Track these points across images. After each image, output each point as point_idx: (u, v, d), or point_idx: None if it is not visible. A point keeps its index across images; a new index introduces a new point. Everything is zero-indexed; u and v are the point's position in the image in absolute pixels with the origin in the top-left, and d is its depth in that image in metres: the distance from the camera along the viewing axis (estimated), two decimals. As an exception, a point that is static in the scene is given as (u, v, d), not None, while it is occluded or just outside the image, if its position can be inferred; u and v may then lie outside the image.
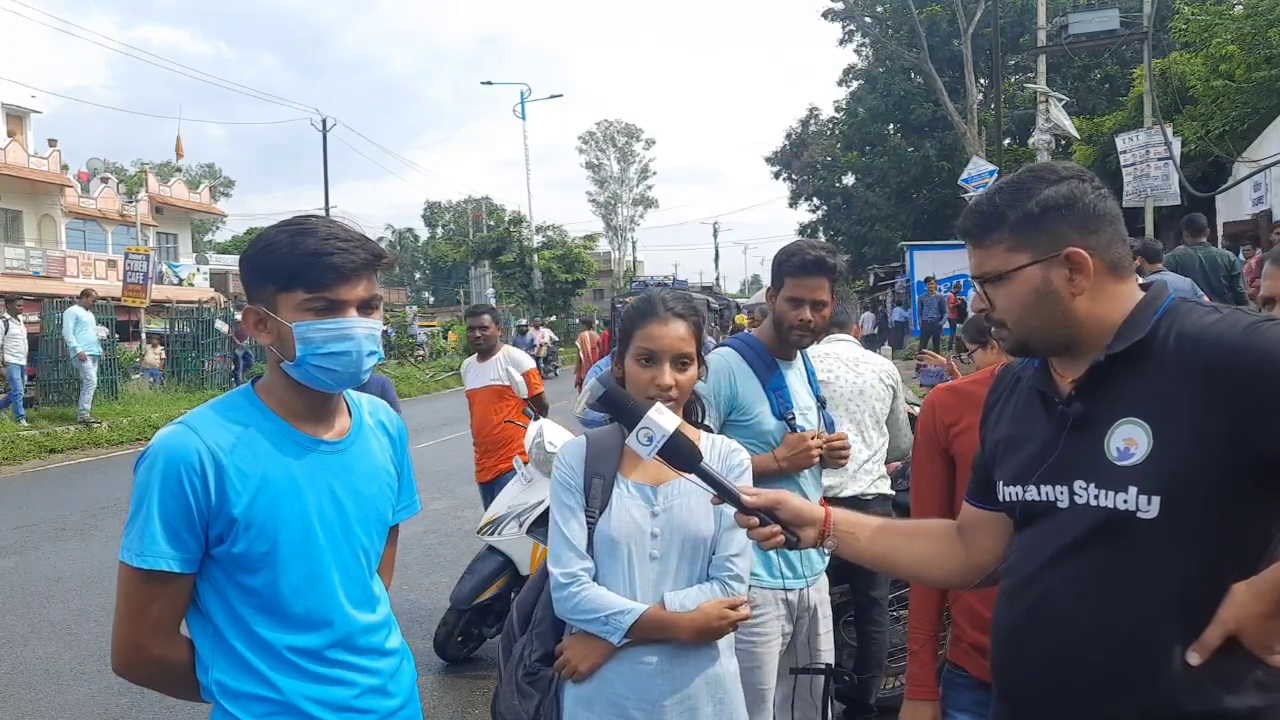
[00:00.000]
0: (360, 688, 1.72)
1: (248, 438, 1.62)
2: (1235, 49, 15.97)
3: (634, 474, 2.09)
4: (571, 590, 2.02)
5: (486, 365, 5.92)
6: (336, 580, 1.70)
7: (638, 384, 2.11)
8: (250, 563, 1.61)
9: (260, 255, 1.63)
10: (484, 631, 5.04)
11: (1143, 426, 1.34)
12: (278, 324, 1.63)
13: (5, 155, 29.31)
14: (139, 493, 1.57)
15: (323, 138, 35.40)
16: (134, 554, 1.55)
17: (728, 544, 2.07)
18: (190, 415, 1.65)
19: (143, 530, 1.55)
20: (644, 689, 2.01)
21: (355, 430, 1.78)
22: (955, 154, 29.30)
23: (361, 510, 1.76)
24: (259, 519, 1.60)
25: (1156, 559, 1.33)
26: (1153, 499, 1.32)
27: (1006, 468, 1.54)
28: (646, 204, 68.13)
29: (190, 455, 1.56)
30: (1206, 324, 1.34)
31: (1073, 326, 1.43)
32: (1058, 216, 1.41)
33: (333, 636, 1.69)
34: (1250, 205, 15.63)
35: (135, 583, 1.57)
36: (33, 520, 9.13)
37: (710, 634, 2.04)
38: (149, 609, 1.59)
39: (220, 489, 1.58)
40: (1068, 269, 1.41)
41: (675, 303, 2.19)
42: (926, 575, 1.80)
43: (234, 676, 1.62)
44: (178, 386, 19.67)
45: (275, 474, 1.63)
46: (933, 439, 2.26)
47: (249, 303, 1.68)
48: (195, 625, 1.65)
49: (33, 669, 5.18)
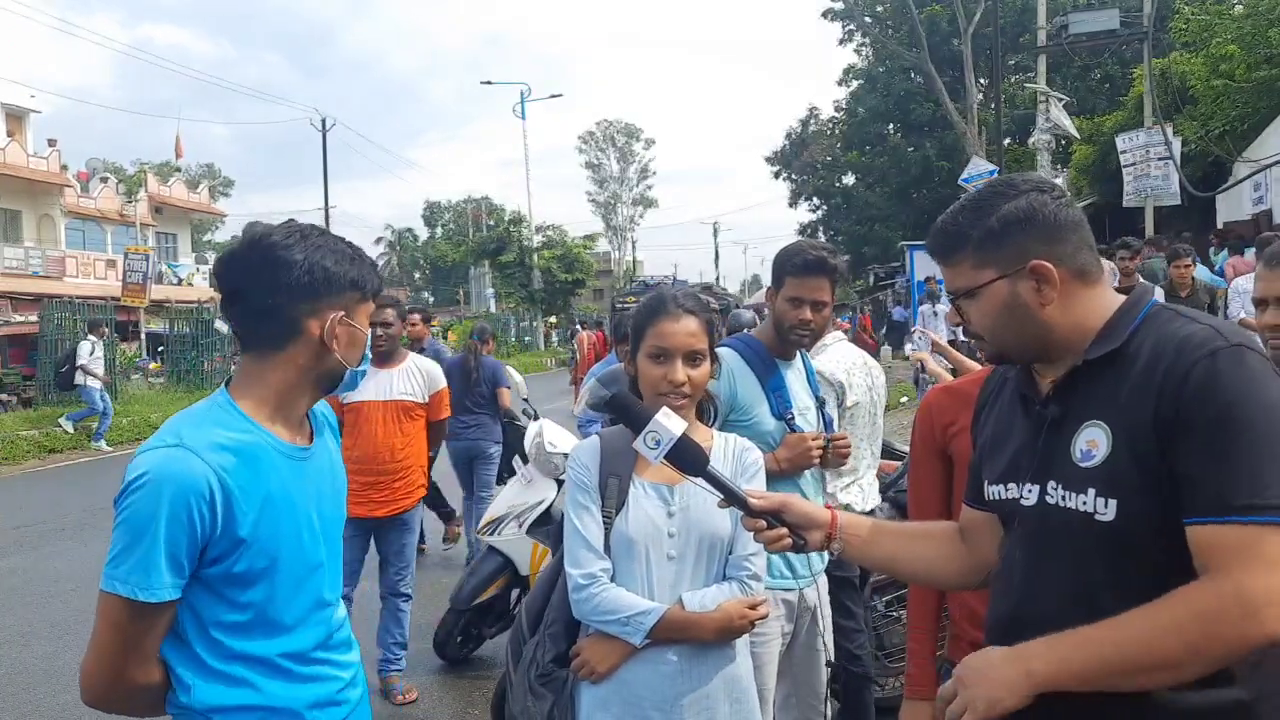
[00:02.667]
0: (341, 681, 1.76)
1: (246, 454, 1.58)
2: (1235, 49, 15.95)
3: (650, 474, 2.08)
4: (591, 591, 2.02)
5: (392, 373, 4.63)
6: (323, 584, 1.73)
7: (650, 381, 2.11)
8: (247, 580, 1.59)
9: (349, 263, 1.66)
10: (484, 632, 5.04)
11: (1104, 429, 1.35)
12: (354, 331, 1.68)
13: (5, 155, 29.28)
14: (138, 522, 1.49)
15: (322, 137, 35.47)
16: (135, 587, 1.49)
17: (745, 543, 2.07)
18: (182, 432, 1.56)
19: (146, 563, 1.49)
20: (663, 689, 2.01)
21: (318, 433, 1.79)
22: (955, 154, 29.30)
23: (336, 513, 1.80)
24: (262, 536, 1.59)
25: (1117, 561, 1.34)
26: (1109, 502, 1.33)
27: (991, 467, 1.56)
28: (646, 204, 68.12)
29: (199, 484, 1.50)
30: (1182, 334, 1.34)
31: (1045, 335, 1.44)
32: (1019, 230, 1.43)
33: (317, 638, 1.72)
34: (1250, 205, 15.62)
35: (129, 616, 1.50)
36: (32, 520, 9.13)
37: (731, 633, 2.05)
38: (142, 640, 1.53)
39: (227, 512, 1.54)
40: (1034, 280, 1.42)
41: (686, 299, 2.20)
42: (932, 578, 1.81)
43: (218, 694, 1.60)
44: (178, 386, 19.68)
45: (274, 490, 1.62)
46: (930, 440, 2.26)
47: (320, 307, 1.64)
48: (171, 648, 1.59)
49: (33, 669, 5.18)
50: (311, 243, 1.64)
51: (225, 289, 1.66)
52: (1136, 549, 1.33)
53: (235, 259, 1.65)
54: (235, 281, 1.64)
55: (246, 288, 1.63)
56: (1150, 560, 1.32)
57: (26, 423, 15.09)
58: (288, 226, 1.67)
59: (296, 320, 1.63)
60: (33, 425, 14.88)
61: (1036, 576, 1.43)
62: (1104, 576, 1.35)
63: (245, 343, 1.68)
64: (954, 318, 1.81)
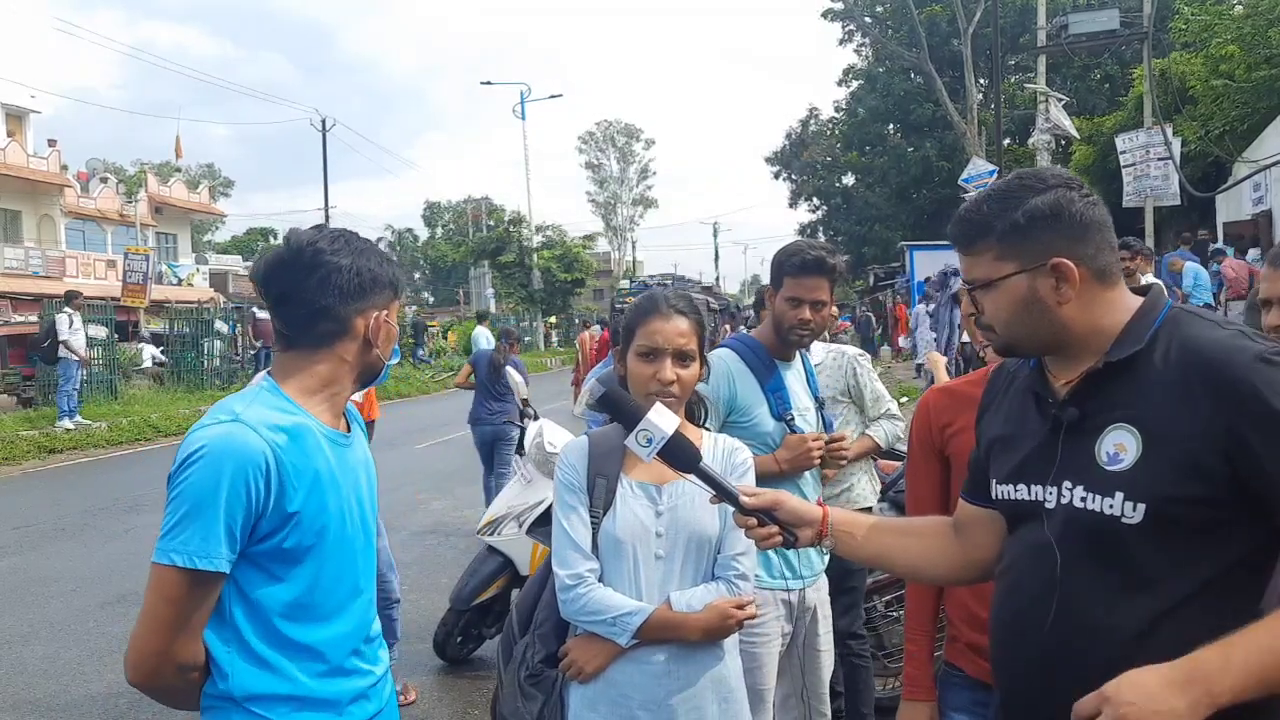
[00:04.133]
0: (374, 677, 1.80)
1: (295, 433, 1.65)
2: (1235, 49, 15.96)
3: (638, 473, 2.08)
4: (578, 591, 2.02)
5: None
6: (360, 573, 1.78)
7: (639, 379, 2.11)
8: (295, 557, 1.64)
9: (387, 265, 1.79)
10: (484, 632, 5.04)
11: (1133, 433, 1.35)
12: (391, 328, 1.81)
13: (5, 155, 29.29)
14: (198, 493, 1.54)
15: (322, 138, 35.46)
16: (194, 556, 1.52)
17: (733, 543, 2.07)
18: (239, 410, 1.63)
19: (206, 532, 1.53)
20: (650, 689, 2.01)
21: (352, 425, 1.86)
22: (955, 154, 29.27)
23: (371, 501, 1.86)
24: (310, 514, 1.65)
25: (1140, 566, 1.34)
26: (1138, 505, 1.32)
27: (1000, 466, 1.55)
28: (646, 204, 68.04)
29: (257, 456, 1.57)
30: (1211, 338, 1.34)
31: (1060, 333, 1.44)
32: (1044, 226, 1.42)
33: (355, 628, 1.76)
34: (1250, 205, 15.63)
35: (185, 586, 1.54)
36: (32, 520, 9.13)
37: (718, 633, 2.04)
38: (193, 614, 1.56)
39: (280, 487, 1.60)
40: (1054, 278, 1.42)
41: (677, 300, 2.19)
42: (924, 573, 1.81)
43: (256, 680, 1.62)
44: (177, 386, 19.68)
45: (321, 470, 1.68)
46: (927, 440, 2.26)
47: (366, 307, 1.75)
48: (212, 631, 1.62)
49: (33, 669, 5.18)
50: (355, 247, 1.75)
51: (274, 292, 1.73)
52: (1162, 551, 1.32)
53: (283, 264, 1.72)
54: (284, 285, 1.72)
55: (296, 291, 1.70)
56: (1174, 562, 1.32)
57: (26, 423, 15.06)
58: (329, 233, 1.76)
59: (347, 319, 1.72)
60: (32, 425, 14.86)
61: (1054, 577, 1.41)
62: (1128, 579, 1.35)
63: (293, 341, 1.74)
64: (968, 308, 1.82)
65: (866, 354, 4.03)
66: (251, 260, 35.36)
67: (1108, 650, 1.34)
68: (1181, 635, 1.30)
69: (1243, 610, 1.30)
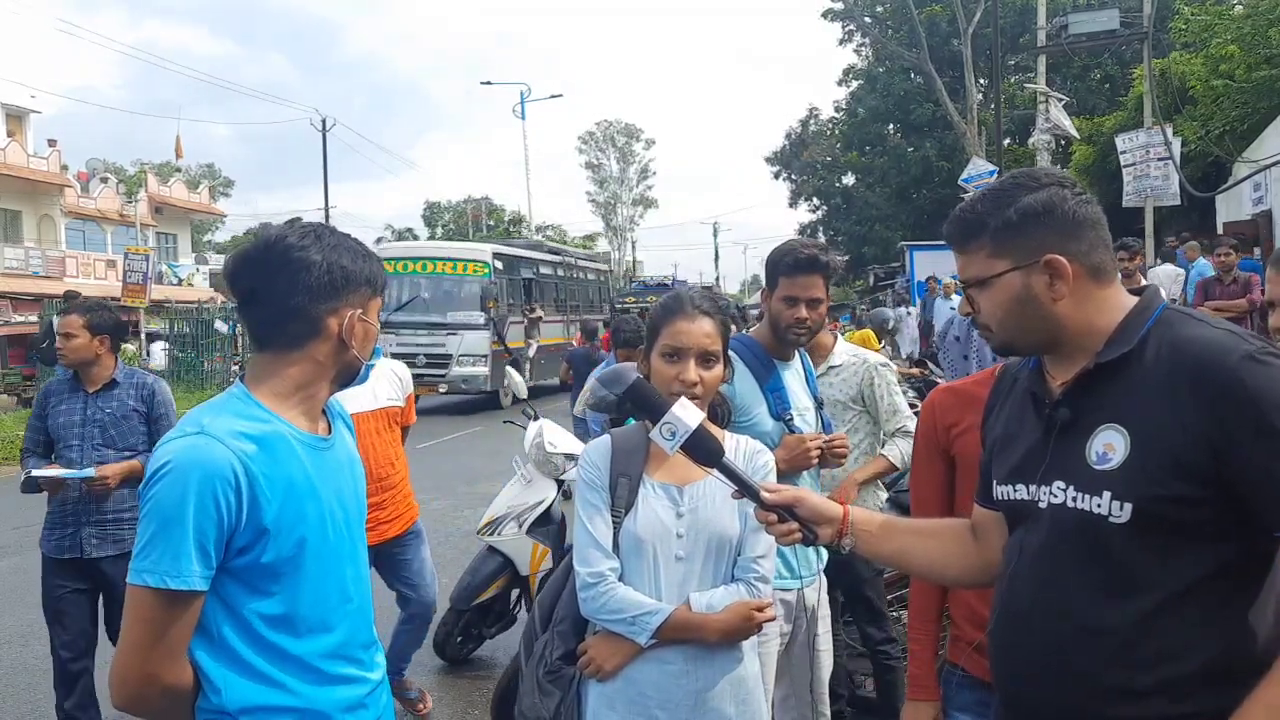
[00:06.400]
0: (370, 684, 1.76)
1: (266, 442, 1.59)
2: (1235, 49, 15.94)
3: (660, 474, 2.09)
4: (599, 590, 2.03)
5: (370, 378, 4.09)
6: (349, 579, 1.73)
7: (662, 380, 2.12)
8: (276, 570, 1.59)
9: (364, 261, 1.69)
10: (484, 631, 5.05)
11: (1122, 432, 1.35)
12: (369, 327, 1.71)
13: (5, 155, 29.31)
14: (166, 510, 1.49)
15: (323, 138, 35.46)
16: (165, 575, 1.48)
17: (753, 545, 2.08)
18: (203, 421, 1.57)
19: (177, 550, 1.49)
20: (668, 689, 2.02)
21: (334, 426, 1.80)
22: (955, 154, 29.29)
23: (357, 504, 1.80)
24: (286, 525, 1.59)
25: (1128, 565, 1.34)
26: (1125, 505, 1.33)
27: (999, 467, 1.56)
28: (646, 204, 67.98)
29: (224, 468, 1.51)
30: (1201, 337, 1.34)
31: (1055, 330, 1.45)
32: (1037, 223, 1.43)
33: (347, 636, 1.71)
34: (1250, 205, 15.61)
35: (159, 607, 1.50)
36: (33, 520, 9.10)
37: (737, 635, 2.05)
38: (169, 633, 1.52)
39: (252, 499, 1.54)
40: (1047, 275, 1.42)
41: (703, 300, 2.21)
42: (942, 574, 1.82)
43: (251, 692, 1.58)
44: (177, 386, 19.69)
45: (296, 477, 1.62)
46: (933, 440, 2.25)
47: (339, 305, 1.66)
48: (201, 647, 1.58)
49: (33, 669, 5.18)
50: (327, 242, 1.66)
51: (241, 290, 1.65)
52: (1149, 551, 1.33)
53: (251, 261, 1.64)
54: (252, 283, 1.64)
55: (265, 289, 1.63)
56: (1163, 562, 1.32)
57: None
58: (300, 227, 1.67)
59: (318, 319, 1.64)
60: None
61: (1046, 578, 1.42)
62: (1116, 579, 1.35)
63: (263, 342, 1.67)
64: (965, 308, 1.84)
65: (891, 364, 3.87)
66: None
67: (1100, 650, 1.35)
68: (1172, 636, 1.30)
69: (1235, 611, 1.31)
